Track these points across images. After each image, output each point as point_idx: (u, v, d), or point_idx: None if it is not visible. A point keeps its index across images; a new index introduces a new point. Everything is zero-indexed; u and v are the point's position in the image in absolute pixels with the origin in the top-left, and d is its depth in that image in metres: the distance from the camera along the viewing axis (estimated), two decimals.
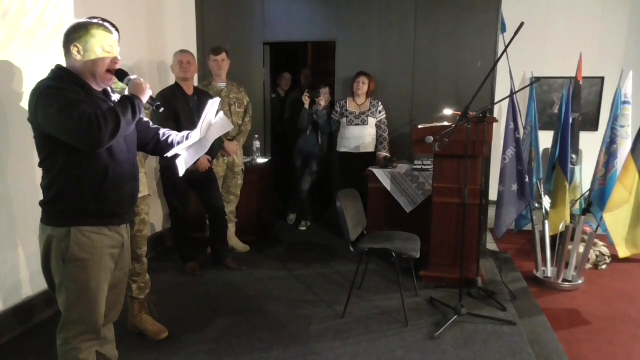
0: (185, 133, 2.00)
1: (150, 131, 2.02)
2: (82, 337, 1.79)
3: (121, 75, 1.82)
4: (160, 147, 2.02)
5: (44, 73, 2.79)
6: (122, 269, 1.95)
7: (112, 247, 1.83)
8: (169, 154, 1.98)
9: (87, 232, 1.74)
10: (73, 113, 1.58)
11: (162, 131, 2.04)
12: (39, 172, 2.86)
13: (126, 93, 1.80)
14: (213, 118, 1.95)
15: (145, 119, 2.03)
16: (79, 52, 1.73)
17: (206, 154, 2.25)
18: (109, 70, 1.78)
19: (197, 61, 4.21)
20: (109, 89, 1.88)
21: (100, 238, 1.77)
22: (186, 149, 1.96)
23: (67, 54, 1.76)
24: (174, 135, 2.02)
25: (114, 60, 1.79)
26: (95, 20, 1.79)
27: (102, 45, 1.75)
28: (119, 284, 1.96)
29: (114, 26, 1.85)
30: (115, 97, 1.87)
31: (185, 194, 3.68)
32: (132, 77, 1.82)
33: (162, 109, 1.92)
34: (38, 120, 1.65)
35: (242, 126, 4.06)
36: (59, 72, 1.75)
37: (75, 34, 1.74)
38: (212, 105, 1.92)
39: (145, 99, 1.81)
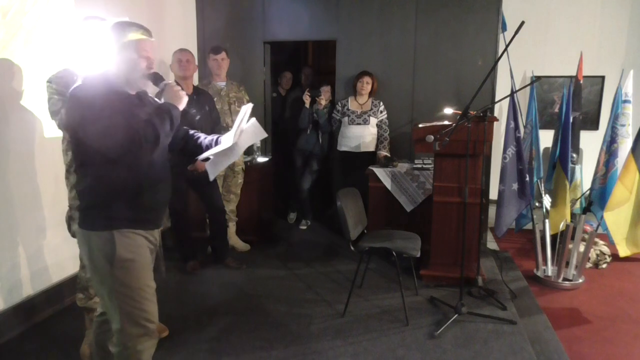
0: (214, 137, 1.98)
1: (180, 132, 2.00)
2: (140, 338, 1.77)
3: (155, 79, 1.80)
4: (187, 149, 2.01)
5: (44, 72, 2.82)
6: (154, 272, 1.93)
7: (149, 248, 1.83)
8: (200, 157, 1.96)
9: (128, 233, 1.73)
10: (116, 132, 1.56)
11: (190, 132, 2.02)
12: (39, 171, 2.91)
13: (162, 100, 1.78)
14: (245, 124, 1.91)
15: None
16: (116, 55, 1.71)
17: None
18: (144, 75, 1.76)
19: (197, 60, 4.21)
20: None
21: (140, 237, 1.77)
22: (217, 155, 1.92)
23: (102, 56, 1.74)
24: (202, 138, 2.00)
25: (149, 64, 1.76)
26: (133, 23, 1.76)
27: (140, 50, 1.73)
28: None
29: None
30: (149, 97, 1.84)
31: (185, 194, 3.69)
32: (167, 82, 1.79)
33: (198, 117, 1.92)
34: (77, 130, 1.64)
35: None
36: (94, 78, 1.71)
37: (114, 37, 1.72)
38: (246, 111, 1.88)
39: (181, 107, 1.79)
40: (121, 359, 1.79)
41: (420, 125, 3.45)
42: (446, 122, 3.39)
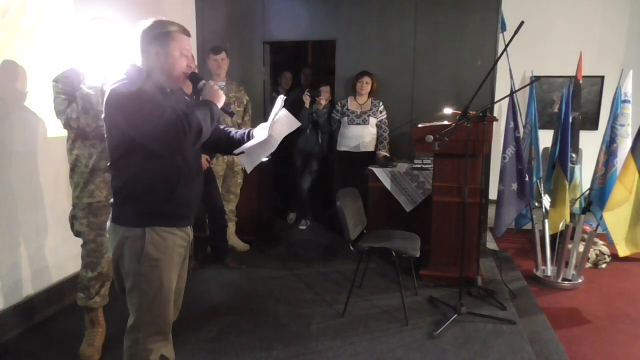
0: (246, 130, 1.98)
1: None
2: (152, 337, 1.79)
3: (194, 78, 1.81)
4: (219, 143, 1.99)
5: (45, 72, 2.82)
6: (185, 268, 1.95)
7: (181, 246, 1.83)
8: (236, 152, 1.96)
9: (160, 232, 1.73)
10: (160, 119, 1.57)
11: (221, 127, 2.02)
12: (40, 171, 2.92)
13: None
14: (276, 115, 1.91)
15: None
16: (157, 53, 1.72)
17: (204, 153, 2.24)
18: (183, 73, 1.77)
19: (197, 60, 4.20)
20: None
21: (172, 237, 1.77)
22: (252, 147, 1.92)
23: (143, 53, 1.74)
24: (234, 132, 2.00)
25: (189, 63, 1.78)
26: (173, 22, 1.77)
27: (181, 49, 1.74)
28: (179, 283, 1.95)
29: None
30: (182, 94, 1.85)
31: None
32: (206, 81, 1.81)
33: (234, 116, 1.93)
34: (119, 121, 1.63)
35: (241, 125, 4.07)
36: (135, 74, 1.72)
37: (155, 35, 1.72)
38: (279, 103, 1.89)
39: (220, 104, 1.80)
40: (130, 353, 1.80)
41: (419, 125, 3.45)
42: (446, 122, 3.40)
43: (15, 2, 2.69)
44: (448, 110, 3.79)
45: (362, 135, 4.40)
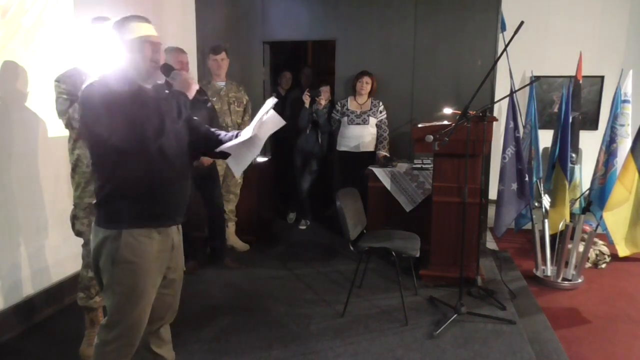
0: (235, 132, 1.97)
1: (201, 130, 1.98)
2: (119, 341, 1.78)
3: (166, 69, 1.83)
4: (210, 147, 1.97)
5: (44, 71, 2.82)
6: (176, 271, 1.94)
7: (162, 251, 1.82)
8: (218, 149, 1.94)
9: (137, 235, 1.73)
10: (122, 121, 1.60)
11: (211, 130, 2.01)
12: (41, 171, 2.93)
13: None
14: (265, 116, 1.91)
15: (195, 117, 2.00)
16: (119, 45, 1.76)
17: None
18: (153, 62, 1.78)
19: (197, 61, 4.18)
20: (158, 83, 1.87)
21: (150, 242, 1.76)
22: (237, 148, 1.89)
23: (114, 52, 1.79)
24: (223, 134, 1.98)
25: (155, 46, 1.79)
26: (132, 16, 1.82)
27: (140, 33, 1.77)
28: (173, 285, 1.95)
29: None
30: (164, 89, 1.86)
31: None
32: (178, 71, 1.84)
33: (209, 104, 1.93)
34: (87, 121, 1.69)
35: (241, 125, 4.06)
36: (110, 74, 1.75)
37: (116, 31, 1.78)
38: (267, 104, 1.90)
39: (191, 94, 1.82)
40: (96, 351, 1.81)
41: (419, 125, 3.45)
42: (446, 122, 3.39)
43: (15, 2, 2.69)
44: (448, 110, 3.78)
45: (362, 135, 4.40)
